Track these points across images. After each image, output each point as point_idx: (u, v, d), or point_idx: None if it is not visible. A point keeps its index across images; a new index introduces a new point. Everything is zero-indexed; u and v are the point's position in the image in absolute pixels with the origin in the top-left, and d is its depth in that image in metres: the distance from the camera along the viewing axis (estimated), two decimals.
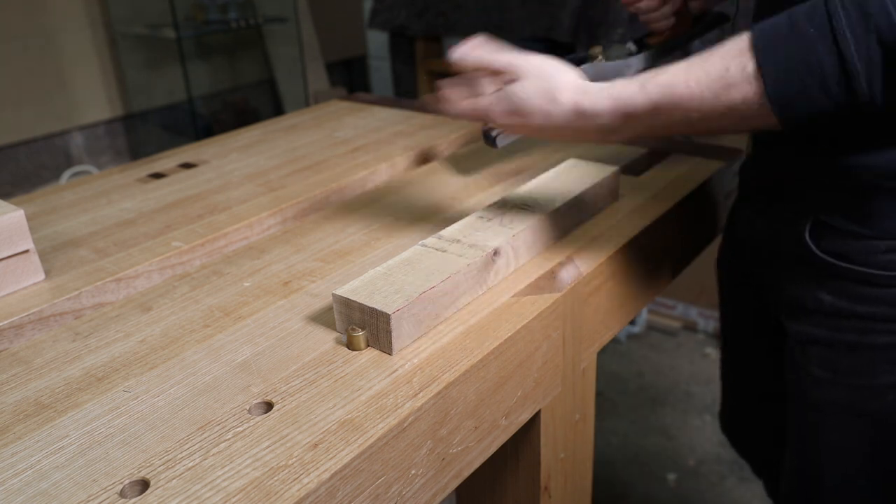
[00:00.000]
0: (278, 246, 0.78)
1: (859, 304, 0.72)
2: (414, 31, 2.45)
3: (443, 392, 0.53)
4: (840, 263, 0.72)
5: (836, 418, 0.80)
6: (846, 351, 0.76)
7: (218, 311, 0.65)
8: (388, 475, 0.50)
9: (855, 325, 0.74)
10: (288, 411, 0.51)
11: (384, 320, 0.56)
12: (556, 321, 0.66)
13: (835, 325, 0.75)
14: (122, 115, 2.45)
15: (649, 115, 0.62)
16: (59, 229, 0.83)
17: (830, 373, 0.78)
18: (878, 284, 0.70)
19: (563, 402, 0.72)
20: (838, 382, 0.78)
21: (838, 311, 0.74)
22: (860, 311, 0.72)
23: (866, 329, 0.73)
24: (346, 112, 1.25)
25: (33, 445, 0.49)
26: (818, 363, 0.79)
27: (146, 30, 2.35)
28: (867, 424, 0.79)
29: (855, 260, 0.71)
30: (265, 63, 2.81)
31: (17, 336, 0.64)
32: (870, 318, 0.72)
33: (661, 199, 0.84)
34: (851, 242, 0.71)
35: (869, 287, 0.71)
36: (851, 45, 0.53)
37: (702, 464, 1.76)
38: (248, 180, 0.94)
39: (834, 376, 0.78)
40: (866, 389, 0.76)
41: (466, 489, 0.84)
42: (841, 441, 0.81)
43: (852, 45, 0.53)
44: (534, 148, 1.03)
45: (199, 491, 0.44)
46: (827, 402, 0.80)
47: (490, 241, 0.67)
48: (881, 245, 0.69)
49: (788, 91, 0.56)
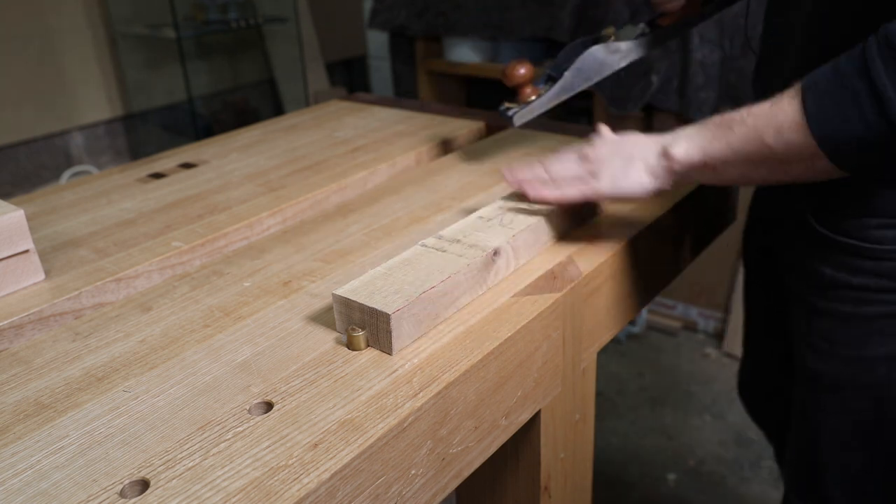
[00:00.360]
0: (278, 246, 0.78)
1: (854, 276, 0.79)
2: (414, 31, 2.45)
3: (443, 392, 0.53)
4: (839, 238, 0.79)
5: (833, 393, 0.86)
6: (842, 322, 0.82)
7: (218, 311, 0.65)
8: (388, 475, 0.50)
9: (850, 296, 0.80)
10: (288, 411, 0.51)
11: (384, 320, 0.56)
12: (556, 321, 0.66)
13: (833, 296, 0.82)
14: (122, 115, 2.45)
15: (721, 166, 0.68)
16: (59, 229, 0.83)
17: (828, 344, 0.84)
18: (872, 257, 0.77)
19: (563, 402, 0.72)
20: (835, 354, 0.84)
21: (836, 283, 0.81)
22: (855, 282, 0.79)
23: (860, 299, 0.80)
24: (346, 112, 1.25)
25: (33, 445, 0.49)
26: (818, 335, 0.85)
27: (146, 30, 2.35)
28: (861, 398, 0.84)
29: (851, 235, 0.78)
30: (265, 63, 2.81)
31: (17, 336, 0.64)
32: (864, 289, 0.79)
33: (661, 199, 0.84)
34: (848, 220, 0.78)
35: (863, 259, 0.78)
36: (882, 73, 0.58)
37: (702, 464, 1.76)
38: (248, 180, 0.94)
39: (831, 348, 0.84)
40: (859, 361, 0.82)
41: (466, 489, 0.84)
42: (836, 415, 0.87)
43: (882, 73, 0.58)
44: (534, 148, 1.03)
45: (199, 491, 0.44)
46: (825, 375, 0.86)
47: (490, 241, 0.67)
48: (873, 222, 0.76)
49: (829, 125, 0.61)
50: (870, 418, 0.85)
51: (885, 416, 0.84)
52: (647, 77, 1.98)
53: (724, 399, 1.98)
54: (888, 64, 0.58)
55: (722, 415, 1.92)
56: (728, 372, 2.09)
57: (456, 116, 1.18)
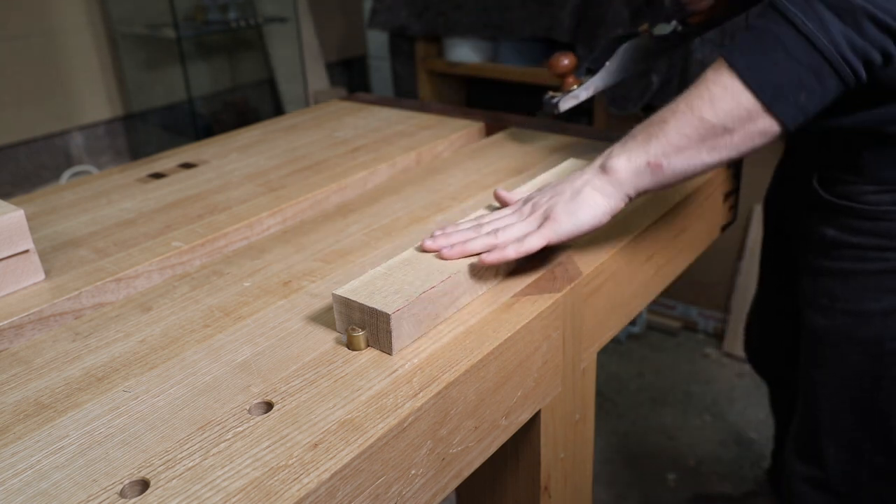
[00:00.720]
0: (278, 246, 0.78)
1: (854, 236, 0.90)
2: (414, 31, 2.45)
3: (443, 392, 0.53)
4: (841, 202, 0.90)
5: (833, 347, 0.95)
6: (842, 279, 0.92)
7: (218, 311, 0.65)
8: (388, 475, 0.50)
9: (851, 254, 0.91)
10: (288, 411, 0.51)
11: (384, 320, 0.56)
12: (556, 321, 0.66)
13: (835, 255, 0.93)
14: (122, 115, 2.45)
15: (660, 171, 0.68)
16: (59, 229, 0.83)
17: (829, 300, 0.94)
18: (870, 218, 0.88)
19: (563, 402, 0.72)
20: (835, 310, 0.94)
21: (839, 243, 0.92)
22: (855, 241, 0.90)
23: (859, 257, 0.90)
24: (346, 112, 1.25)
25: (33, 445, 0.49)
26: (821, 293, 0.95)
27: (146, 30, 2.35)
28: (857, 353, 0.93)
29: (852, 199, 0.89)
30: (265, 63, 2.81)
31: (17, 336, 0.64)
32: (862, 248, 0.90)
33: (661, 199, 0.85)
34: (849, 187, 0.89)
35: (862, 220, 0.89)
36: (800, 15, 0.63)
37: (702, 464, 1.76)
38: (248, 180, 0.94)
39: (832, 304, 0.94)
40: (858, 315, 0.92)
41: (466, 489, 0.84)
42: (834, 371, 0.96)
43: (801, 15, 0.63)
44: (534, 148, 1.03)
45: (199, 491, 0.44)
46: (825, 331, 0.95)
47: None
48: (870, 188, 0.87)
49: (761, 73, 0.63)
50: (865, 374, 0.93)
51: (879, 372, 0.92)
52: (647, 77, 1.98)
53: (724, 399, 1.98)
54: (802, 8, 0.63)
55: (722, 415, 1.92)
56: (728, 372, 2.09)
57: (456, 116, 1.18)
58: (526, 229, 0.67)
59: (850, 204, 0.89)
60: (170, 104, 2.50)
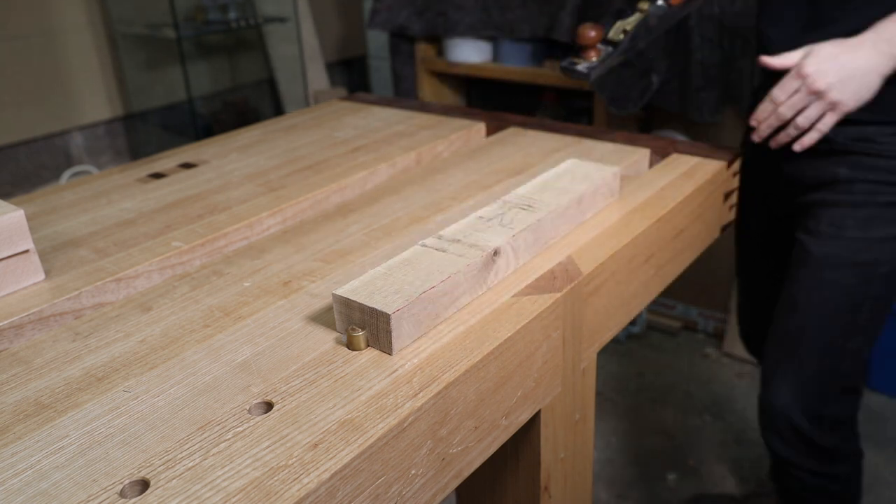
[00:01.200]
0: (278, 246, 0.78)
1: (870, 173, 1.03)
2: (414, 31, 2.45)
3: (443, 392, 0.53)
4: (857, 144, 1.03)
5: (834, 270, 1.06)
6: (853, 208, 1.04)
7: (218, 311, 0.65)
8: (388, 475, 0.50)
9: (864, 189, 1.04)
10: (288, 411, 0.51)
11: (384, 320, 0.56)
12: (556, 321, 0.66)
13: (847, 189, 1.05)
14: (122, 115, 2.45)
15: None
16: (59, 229, 0.83)
17: (836, 228, 1.06)
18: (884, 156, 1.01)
19: (563, 402, 0.72)
20: (841, 236, 1.05)
21: (852, 180, 1.04)
22: (871, 177, 1.03)
23: (873, 191, 1.03)
24: (346, 112, 1.25)
25: (33, 445, 0.49)
26: (828, 222, 1.06)
27: (146, 30, 2.35)
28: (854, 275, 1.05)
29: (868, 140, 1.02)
30: (265, 63, 2.81)
31: (17, 336, 0.64)
32: (876, 183, 1.03)
33: (661, 199, 0.85)
34: (864, 128, 1.02)
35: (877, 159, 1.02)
36: None
37: (702, 464, 1.76)
38: (248, 180, 0.94)
39: (838, 231, 1.05)
40: (862, 241, 1.04)
41: (466, 489, 0.84)
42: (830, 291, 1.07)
43: None
44: (534, 148, 1.03)
45: (199, 491, 0.44)
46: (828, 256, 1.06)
47: (490, 241, 0.67)
48: (886, 129, 1.01)
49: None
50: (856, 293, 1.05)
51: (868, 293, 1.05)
52: (647, 77, 1.98)
53: (724, 399, 1.98)
54: None
55: (722, 415, 1.92)
56: (728, 372, 2.09)
57: (456, 116, 1.18)
58: (820, 110, 0.96)
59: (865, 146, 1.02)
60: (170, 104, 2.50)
